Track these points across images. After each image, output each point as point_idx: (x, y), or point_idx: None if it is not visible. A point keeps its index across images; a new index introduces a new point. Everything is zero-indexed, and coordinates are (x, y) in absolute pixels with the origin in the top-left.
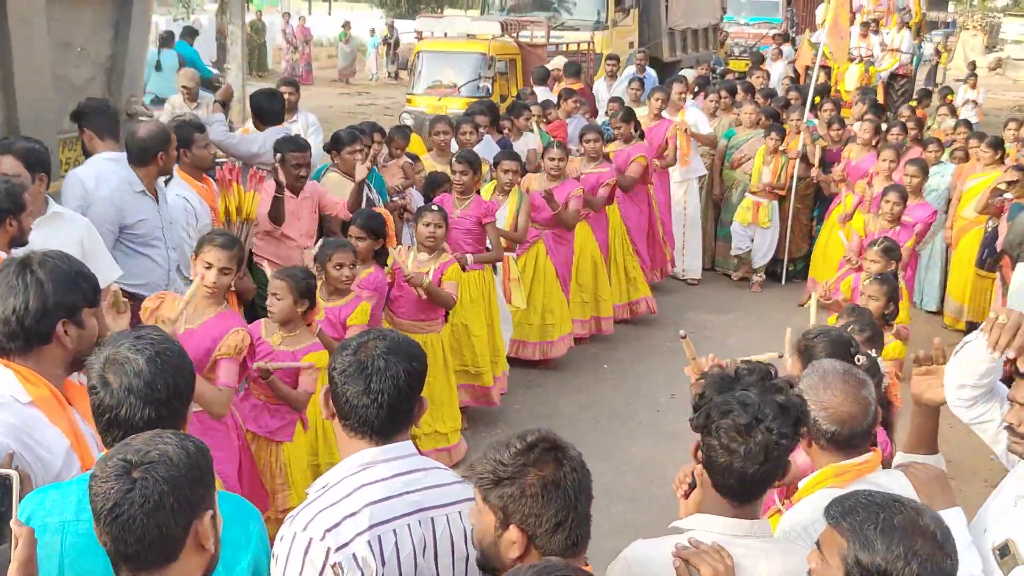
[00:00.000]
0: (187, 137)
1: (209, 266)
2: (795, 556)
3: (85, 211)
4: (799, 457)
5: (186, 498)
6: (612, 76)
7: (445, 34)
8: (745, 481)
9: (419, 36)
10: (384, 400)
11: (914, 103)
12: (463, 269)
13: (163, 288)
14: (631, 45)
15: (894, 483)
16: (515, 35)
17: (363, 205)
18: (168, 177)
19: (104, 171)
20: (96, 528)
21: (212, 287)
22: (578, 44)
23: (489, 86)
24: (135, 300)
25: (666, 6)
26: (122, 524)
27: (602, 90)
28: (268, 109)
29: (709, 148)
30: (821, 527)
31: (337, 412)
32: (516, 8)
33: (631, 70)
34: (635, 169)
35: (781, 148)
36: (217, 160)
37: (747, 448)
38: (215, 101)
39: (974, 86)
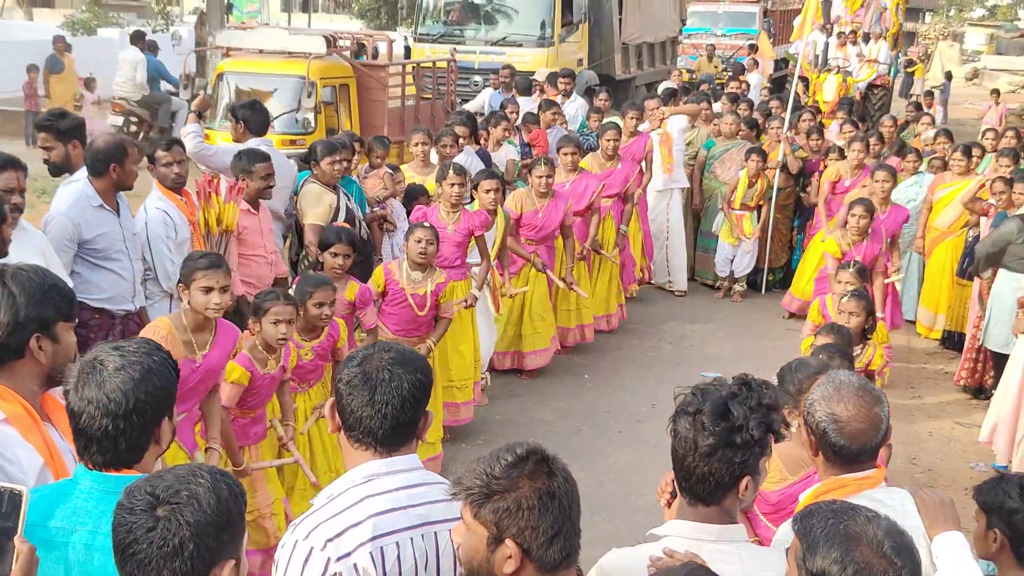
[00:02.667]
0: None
1: (210, 289)
2: (771, 561)
3: None
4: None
5: (208, 546)
6: (567, 94)
7: (260, 51)
8: (696, 478)
9: (226, 53)
10: (388, 411)
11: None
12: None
13: (129, 300)
14: (580, 63)
15: (896, 500)
16: (350, 53)
17: (342, 216)
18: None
19: (71, 186)
20: (115, 557)
21: (219, 307)
22: (433, 63)
23: (311, 118)
24: (101, 314)
25: (620, 19)
26: (137, 563)
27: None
28: (254, 120)
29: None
30: None
31: (343, 424)
32: (453, 22)
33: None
34: (633, 187)
35: (764, 168)
36: None
37: (693, 441)
38: (190, 111)
39: (930, 105)
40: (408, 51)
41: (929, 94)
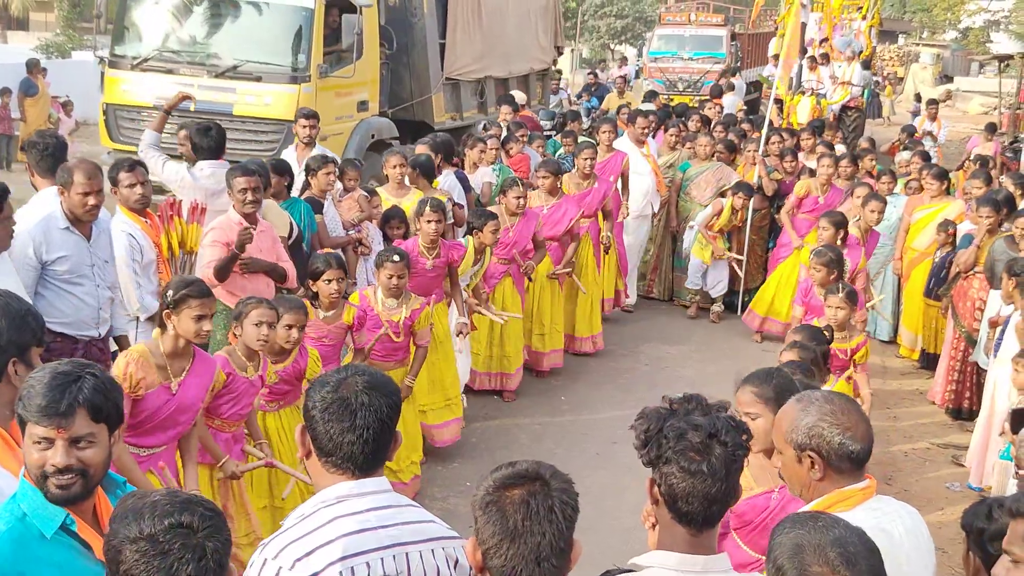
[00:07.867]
0: (112, 176)
1: (202, 317)
2: None
3: None
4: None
5: (229, 552)
6: (309, 143)
7: None
8: (708, 502)
9: None
10: (370, 435)
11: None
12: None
13: (93, 326)
14: (363, 106)
15: (891, 507)
16: None
17: (295, 232)
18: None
19: (36, 205)
20: None
21: (208, 334)
22: None
23: None
24: (63, 339)
25: (442, 46)
26: None
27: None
28: (197, 144)
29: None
30: None
31: (317, 449)
32: (163, 40)
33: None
34: (611, 204)
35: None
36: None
37: (709, 465)
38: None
39: (934, 118)
40: (102, 78)
41: (933, 102)
